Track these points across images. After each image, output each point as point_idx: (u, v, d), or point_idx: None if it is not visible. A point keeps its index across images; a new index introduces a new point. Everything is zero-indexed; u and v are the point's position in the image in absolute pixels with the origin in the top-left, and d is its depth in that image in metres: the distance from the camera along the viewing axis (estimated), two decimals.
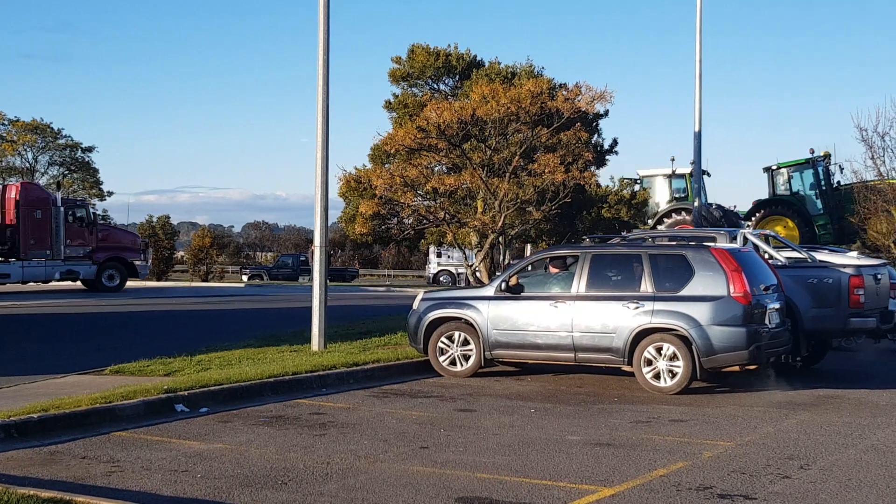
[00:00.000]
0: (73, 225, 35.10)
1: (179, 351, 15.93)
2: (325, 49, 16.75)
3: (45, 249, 34.40)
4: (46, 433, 10.10)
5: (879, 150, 30.36)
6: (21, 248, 34.29)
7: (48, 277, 34.99)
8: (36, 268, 34.62)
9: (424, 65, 34.74)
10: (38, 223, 34.47)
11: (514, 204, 22.27)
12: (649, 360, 13.47)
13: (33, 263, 34.50)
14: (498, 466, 9.05)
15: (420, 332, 15.13)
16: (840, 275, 14.96)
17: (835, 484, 8.51)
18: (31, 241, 34.25)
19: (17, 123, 62.26)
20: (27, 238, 34.24)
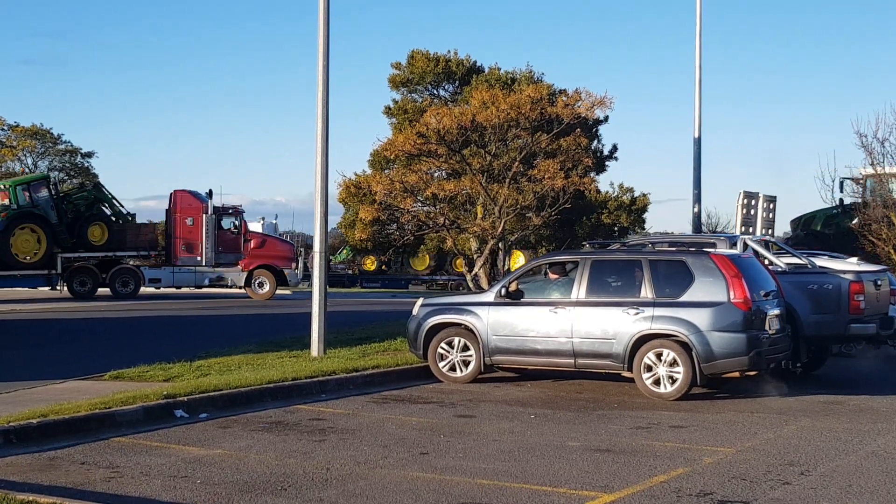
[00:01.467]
0: (224, 232, 35.89)
1: (179, 356, 15.91)
2: (325, 55, 16.76)
3: (195, 256, 35.56)
4: (46, 439, 10.09)
5: (879, 155, 30.33)
6: (173, 253, 35.74)
7: (199, 283, 36.33)
8: (186, 273, 36.03)
9: (424, 70, 34.79)
10: (189, 230, 35.68)
11: (514, 210, 22.26)
12: (649, 365, 13.46)
13: (184, 270, 35.91)
14: (498, 472, 9.04)
15: (420, 337, 15.12)
16: (840, 281, 14.96)
17: (835, 490, 8.50)
18: (182, 248, 35.55)
19: (16, 129, 62.26)
20: (179, 244, 35.61)
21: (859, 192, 30.94)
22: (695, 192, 27.54)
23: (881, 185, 29.21)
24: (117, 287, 35.67)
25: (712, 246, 15.45)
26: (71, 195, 38.18)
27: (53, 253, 35.25)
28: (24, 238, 35.09)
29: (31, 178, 37.47)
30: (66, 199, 37.52)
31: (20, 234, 35.00)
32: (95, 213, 36.87)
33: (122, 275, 35.82)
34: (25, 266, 35.25)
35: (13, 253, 35.10)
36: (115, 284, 35.64)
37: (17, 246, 35.05)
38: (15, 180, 37.10)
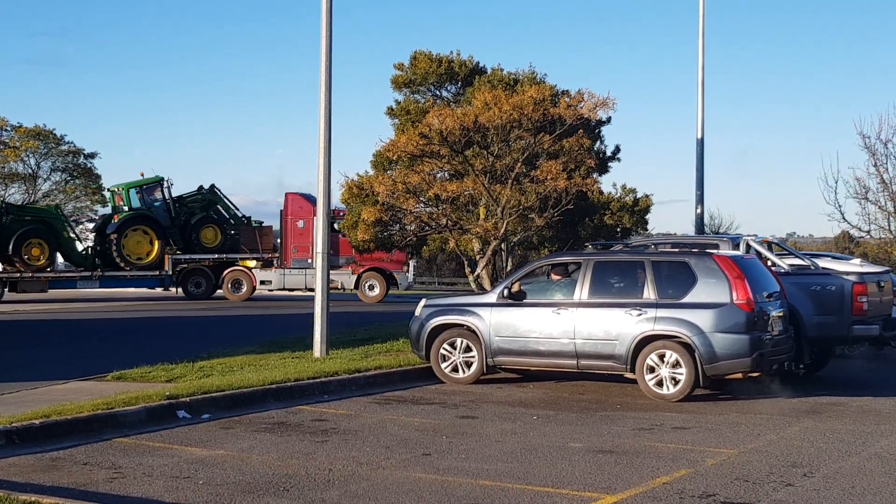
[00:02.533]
0: (335, 235, 36.21)
1: (181, 357, 15.93)
2: (328, 56, 16.76)
3: (306, 258, 36.22)
4: (48, 439, 10.10)
5: (882, 157, 30.32)
6: (283, 255, 36.81)
7: (309, 286, 36.60)
8: (297, 276, 36.87)
9: (427, 71, 34.72)
10: (300, 233, 36.71)
11: (517, 211, 22.22)
12: (652, 367, 13.45)
13: (293, 272, 36.82)
14: (500, 473, 9.03)
15: (422, 338, 15.11)
16: (843, 282, 14.94)
17: (838, 492, 8.48)
18: (293, 250, 36.54)
19: (19, 129, 62.29)
20: (290, 247, 36.73)
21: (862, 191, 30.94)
22: (697, 193, 27.54)
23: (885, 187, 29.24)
24: (231, 288, 36.56)
25: (715, 247, 15.43)
26: (185, 198, 39.13)
27: (165, 254, 36.39)
28: (136, 239, 36.53)
29: (144, 181, 38.25)
30: (180, 202, 38.59)
31: (132, 236, 36.39)
32: (209, 216, 37.97)
33: (235, 277, 36.68)
34: (138, 267, 36.51)
35: (125, 254, 36.52)
36: (228, 286, 36.52)
37: (129, 247, 36.46)
38: (129, 183, 38.14)
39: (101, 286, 37.80)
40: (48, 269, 36.49)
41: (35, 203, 36.85)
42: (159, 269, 36.86)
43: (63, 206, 65.06)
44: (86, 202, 65.84)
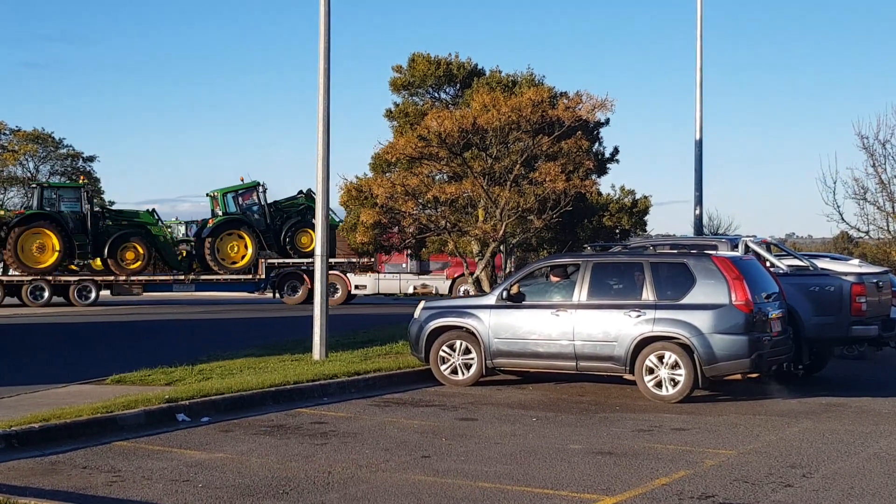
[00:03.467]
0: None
1: (181, 360, 15.93)
2: (326, 58, 16.77)
3: (401, 263, 37.33)
4: (47, 443, 10.10)
5: (881, 157, 30.34)
6: (377, 261, 37.42)
7: (403, 290, 37.73)
8: (391, 280, 37.65)
9: (425, 73, 34.73)
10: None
11: (516, 212, 22.22)
12: (651, 368, 13.46)
13: (387, 276, 37.66)
14: (499, 475, 9.03)
15: (421, 340, 15.12)
16: (842, 283, 14.94)
17: (837, 492, 8.49)
18: (388, 256, 36.87)
19: (18, 133, 62.34)
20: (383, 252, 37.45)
21: (861, 192, 30.96)
22: (696, 194, 27.54)
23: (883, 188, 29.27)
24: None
25: (714, 248, 15.44)
26: (280, 202, 39.74)
27: (259, 258, 37.03)
28: (230, 243, 37.25)
29: (240, 186, 38.87)
30: (276, 206, 39.20)
31: (227, 240, 37.11)
32: (305, 220, 38.32)
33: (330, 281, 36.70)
34: (231, 271, 37.17)
35: (220, 258, 37.19)
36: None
37: (224, 251, 37.14)
38: (225, 188, 38.86)
39: (195, 290, 38.44)
40: (143, 273, 37.10)
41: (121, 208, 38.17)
42: (253, 273, 37.32)
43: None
44: None
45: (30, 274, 35.59)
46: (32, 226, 35.87)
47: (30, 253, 35.66)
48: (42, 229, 35.86)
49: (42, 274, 35.66)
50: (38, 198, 36.80)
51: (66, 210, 36.80)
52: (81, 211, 36.99)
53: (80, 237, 36.55)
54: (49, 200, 36.87)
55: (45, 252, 35.77)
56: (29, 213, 36.57)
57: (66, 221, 36.35)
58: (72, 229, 36.40)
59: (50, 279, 35.71)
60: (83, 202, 37.22)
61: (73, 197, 37.25)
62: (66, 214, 36.60)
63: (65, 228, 36.14)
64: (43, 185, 37.62)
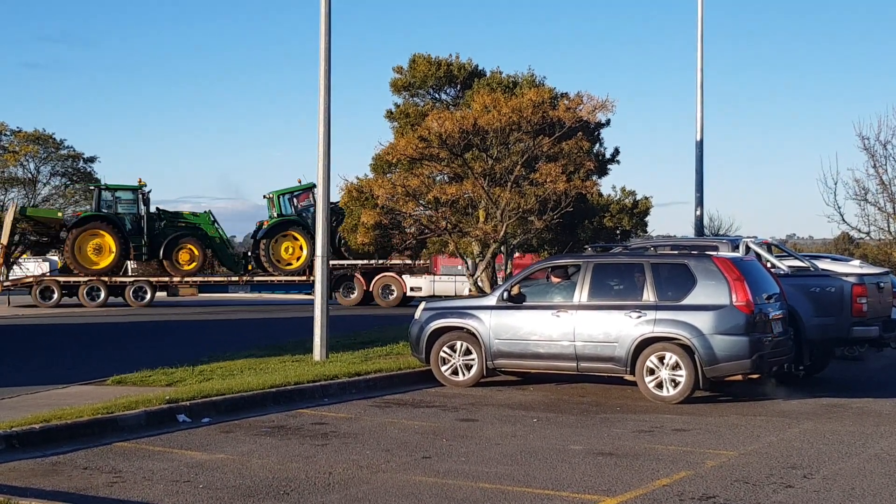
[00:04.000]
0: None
1: (182, 361, 15.94)
2: (327, 59, 16.77)
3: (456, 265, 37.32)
4: (48, 443, 10.10)
5: (882, 158, 30.32)
6: (433, 263, 37.67)
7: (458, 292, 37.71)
8: (446, 283, 37.97)
9: (426, 74, 34.74)
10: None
11: (516, 213, 22.23)
12: (652, 369, 13.45)
13: (443, 279, 38.01)
14: (500, 476, 9.03)
15: (422, 341, 15.12)
16: (843, 283, 14.93)
17: (838, 493, 8.48)
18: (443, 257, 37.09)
19: (18, 134, 62.27)
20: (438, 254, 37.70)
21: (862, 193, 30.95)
22: (697, 195, 27.55)
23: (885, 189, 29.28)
24: (381, 294, 37.14)
25: (714, 249, 15.43)
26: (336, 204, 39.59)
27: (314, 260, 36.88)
28: (285, 245, 37.64)
29: (296, 188, 39.22)
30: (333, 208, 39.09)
31: (282, 241, 37.49)
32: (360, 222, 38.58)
33: (385, 283, 37.28)
34: (286, 272, 37.48)
35: (274, 259, 37.56)
36: (379, 292, 37.06)
37: (279, 253, 37.46)
38: (281, 190, 39.34)
39: (251, 291, 38.57)
40: (199, 274, 37.40)
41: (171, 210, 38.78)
42: (307, 275, 37.44)
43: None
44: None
45: (86, 275, 36.06)
46: (90, 227, 36.47)
47: (87, 254, 36.23)
48: (99, 231, 36.50)
49: (98, 275, 36.08)
50: (96, 199, 37.40)
51: (123, 211, 37.37)
52: (138, 212, 37.52)
53: (136, 238, 37.10)
54: (106, 202, 37.45)
55: (102, 253, 36.40)
56: (86, 214, 37.17)
57: (122, 223, 36.96)
58: (129, 231, 36.98)
59: (106, 280, 36.12)
60: (140, 204, 37.65)
61: (130, 198, 37.75)
62: (123, 216, 37.18)
63: (121, 230, 36.71)
64: (101, 187, 37.94)
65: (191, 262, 37.19)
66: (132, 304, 35.74)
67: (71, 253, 36.20)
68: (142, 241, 37.06)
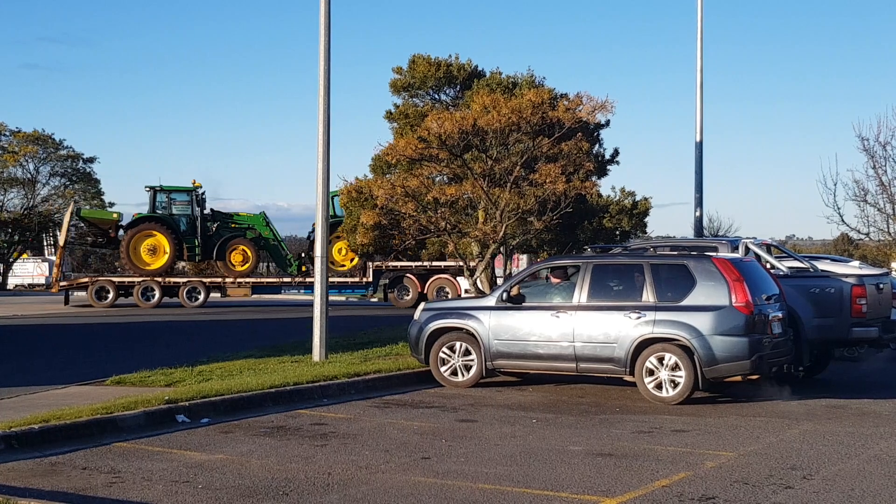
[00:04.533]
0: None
1: (181, 361, 15.93)
2: (326, 59, 16.77)
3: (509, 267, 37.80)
4: (47, 444, 10.09)
5: (881, 159, 30.39)
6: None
7: None
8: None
9: (425, 75, 34.74)
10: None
11: (516, 214, 22.22)
12: (651, 370, 13.45)
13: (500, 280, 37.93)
14: (499, 477, 9.03)
15: (421, 342, 15.11)
16: (842, 284, 14.93)
17: (838, 494, 8.48)
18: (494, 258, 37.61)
19: (18, 134, 62.33)
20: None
21: (861, 194, 30.97)
22: (696, 196, 27.56)
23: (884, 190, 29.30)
24: (435, 296, 36.94)
25: (714, 250, 15.44)
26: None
27: (367, 262, 37.42)
28: (338, 246, 37.61)
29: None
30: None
31: (335, 243, 37.30)
32: None
33: (439, 285, 37.28)
34: (339, 274, 37.62)
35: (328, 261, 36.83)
36: (434, 294, 37.00)
37: (332, 254, 37.35)
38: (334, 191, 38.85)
39: (305, 292, 38.70)
40: (252, 276, 37.47)
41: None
42: (360, 276, 37.66)
43: (62, 211, 65.18)
44: (85, 206, 65.84)
45: (141, 276, 36.31)
46: (144, 228, 36.71)
47: (141, 255, 36.49)
48: (154, 232, 36.73)
49: (153, 276, 36.33)
50: (151, 201, 37.53)
51: (178, 213, 37.59)
52: (192, 213, 37.70)
53: (190, 239, 37.30)
54: (161, 203, 37.66)
55: (157, 254, 36.63)
56: (141, 215, 37.34)
57: (177, 224, 37.21)
58: (183, 232, 37.24)
59: (160, 280, 36.31)
60: (194, 205, 37.85)
61: (184, 200, 37.94)
62: (177, 217, 37.42)
63: (176, 231, 36.98)
64: (156, 188, 38.00)
65: (244, 263, 37.35)
66: (186, 305, 35.96)
67: (126, 253, 36.58)
68: (195, 241, 37.28)
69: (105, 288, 36.45)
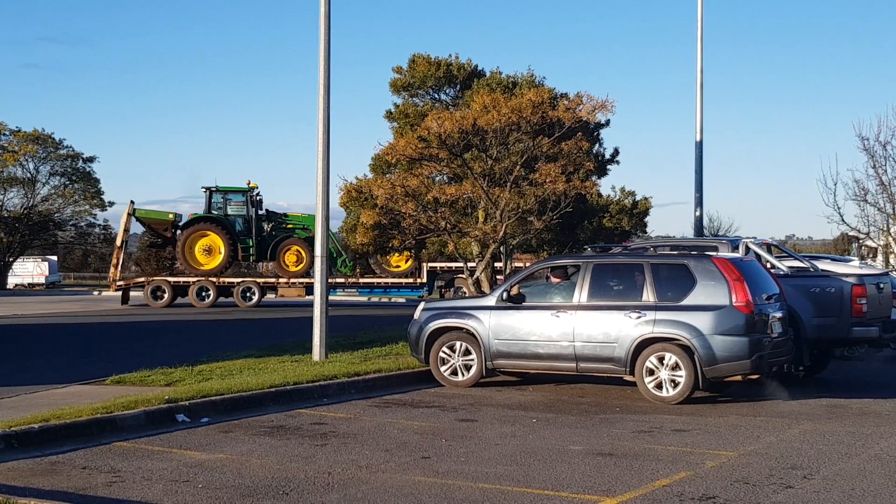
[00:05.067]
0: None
1: (181, 361, 15.92)
2: (326, 59, 16.76)
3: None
4: (47, 443, 10.08)
5: (881, 159, 30.37)
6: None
7: None
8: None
9: (425, 74, 34.76)
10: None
11: (516, 213, 22.21)
12: (651, 369, 13.45)
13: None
14: (500, 476, 9.02)
15: (421, 342, 15.11)
16: (842, 284, 14.93)
17: (838, 494, 8.47)
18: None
19: (18, 134, 62.33)
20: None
21: (861, 193, 30.96)
22: (696, 196, 27.55)
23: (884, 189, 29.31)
24: None
25: (714, 249, 15.44)
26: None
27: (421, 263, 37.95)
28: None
29: None
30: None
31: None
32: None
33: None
34: (394, 275, 38.10)
35: (382, 262, 38.06)
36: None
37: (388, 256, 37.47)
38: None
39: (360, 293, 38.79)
40: (305, 276, 37.43)
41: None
42: (415, 277, 37.81)
43: (62, 211, 65.20)
44: (84, 206, 65.90)
45: (196, 276, 36.57)
46: (199, 228, 37.02)
47: (196, 255, 36.80)
48: (209, 232, 37.03)
49: (208, 276, 36.54)
50: (207, 201, 37.79)
51: (234, 213, 37.83)
52: (248, 214, 37.88)
53: (245, 240, 37.49)
54: (216, 204, 37.92)
55: (212, 254, 36.93)
56: (196, 216, 37.60)
57: (232, 224, 37.45)
58: (238, 232, 37.45)
59: (215, 280, 36.55)
60: (249, 205, 37.99)
61: (240, 200, 38.14)
62: (233, 217, 37.68)
63: (231, 231, 37.20)
64: (211, 189, 38.18)
65: (298, 264, 37.40)
66: (240, 305, 36.11)
67: (181, 253, 36.89)
68: (250, 242, 37.45)
69: (161, 288, 36.75)
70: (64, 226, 66.83)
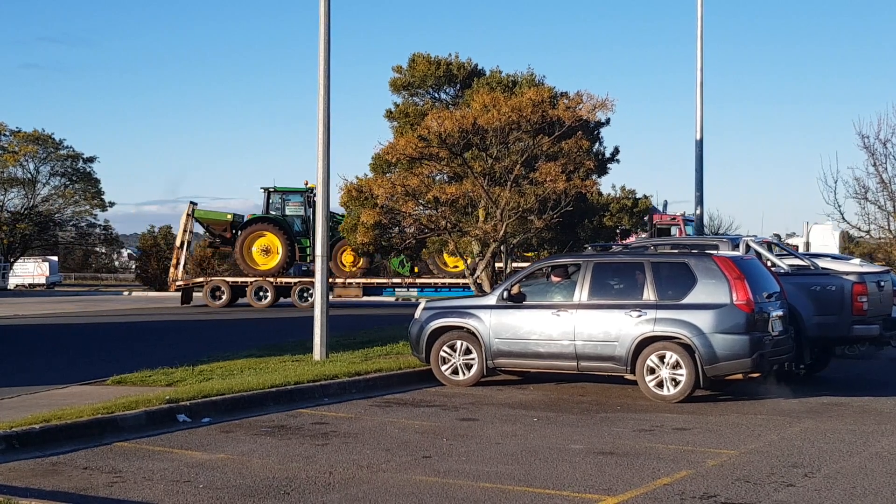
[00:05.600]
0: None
1: (182, 361, 15.92)
2: (326, 58, 16.76)
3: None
4: (48, 444, 10.08)
5: (881, 157, 30.33)
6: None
7: None
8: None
9: (425, 74, 34.69)
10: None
11: (516, 213, 22.17)
12: (652, 368, 13.45)
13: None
14: (501, 475, 9.02)
15: (422, 341, 15.11)
16: (843, 282, 14.93)
17: (839, 492, 8.47)
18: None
19: (18, 134, 62.33)
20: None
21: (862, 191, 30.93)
22: (697, 195, 27.56)
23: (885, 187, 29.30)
24: None
25: (715, 248, 15.43)
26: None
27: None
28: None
29: None
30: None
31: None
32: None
33: None
34: (450, 275, 37.77)
35: (439, 263, 37.87)
36: None
37: (444, 256, 37.24)
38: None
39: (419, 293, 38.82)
40: (362, 276, 37.55)
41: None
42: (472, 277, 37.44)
43: (62, 211, 65.18)
44: (85, 206, 65.90)
45: (254, 276, 36.66)
46: (257, 229, 37.12)
47: (255, 255, 36.94)
48: (267, 232, 37.11)
49: (265, 276, 36.63)
50: (265, 201, 37.87)
51: (291, 213, 37.91)
52: (305, 214, 37.85)
53: (303, 240, 37.52)
54: (274, 204, 38.01)
55: (269, 254, 37.05)
56: (254, 216, 37.71)
57: (290, 225, 37.52)
58: (296, 232, 37.52)
59: (273, 281, 36.58)
60: (307, 205, 37.93)
61: (298, 200, 38.20)
62: (290, 218, 37.76)
63: (288, 232, 37.23)
64: (269, 190, 38.22)
65: (354, 264, 37.42)
66: (297, 306, 36.05)
67: (240, 254, 36.99)
68: (307, 242, 37.34)
69: (219, 287, 36.86)
70: (64, 226, 66.84)
